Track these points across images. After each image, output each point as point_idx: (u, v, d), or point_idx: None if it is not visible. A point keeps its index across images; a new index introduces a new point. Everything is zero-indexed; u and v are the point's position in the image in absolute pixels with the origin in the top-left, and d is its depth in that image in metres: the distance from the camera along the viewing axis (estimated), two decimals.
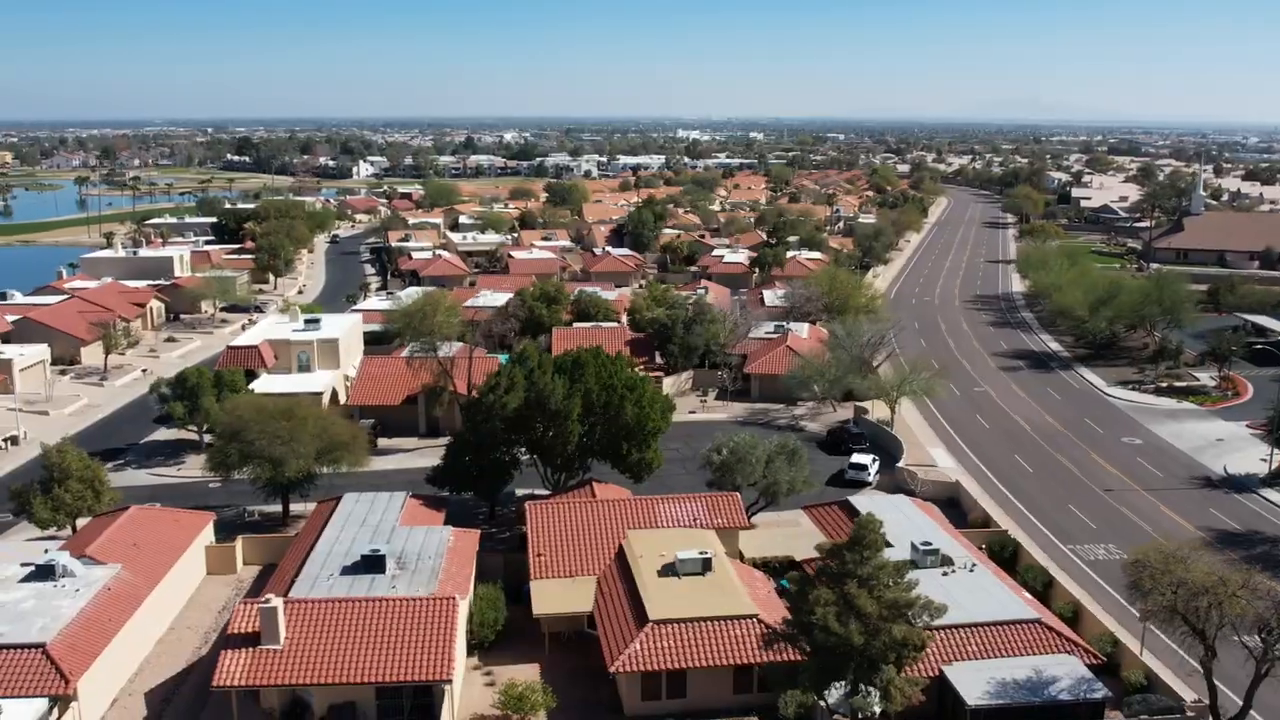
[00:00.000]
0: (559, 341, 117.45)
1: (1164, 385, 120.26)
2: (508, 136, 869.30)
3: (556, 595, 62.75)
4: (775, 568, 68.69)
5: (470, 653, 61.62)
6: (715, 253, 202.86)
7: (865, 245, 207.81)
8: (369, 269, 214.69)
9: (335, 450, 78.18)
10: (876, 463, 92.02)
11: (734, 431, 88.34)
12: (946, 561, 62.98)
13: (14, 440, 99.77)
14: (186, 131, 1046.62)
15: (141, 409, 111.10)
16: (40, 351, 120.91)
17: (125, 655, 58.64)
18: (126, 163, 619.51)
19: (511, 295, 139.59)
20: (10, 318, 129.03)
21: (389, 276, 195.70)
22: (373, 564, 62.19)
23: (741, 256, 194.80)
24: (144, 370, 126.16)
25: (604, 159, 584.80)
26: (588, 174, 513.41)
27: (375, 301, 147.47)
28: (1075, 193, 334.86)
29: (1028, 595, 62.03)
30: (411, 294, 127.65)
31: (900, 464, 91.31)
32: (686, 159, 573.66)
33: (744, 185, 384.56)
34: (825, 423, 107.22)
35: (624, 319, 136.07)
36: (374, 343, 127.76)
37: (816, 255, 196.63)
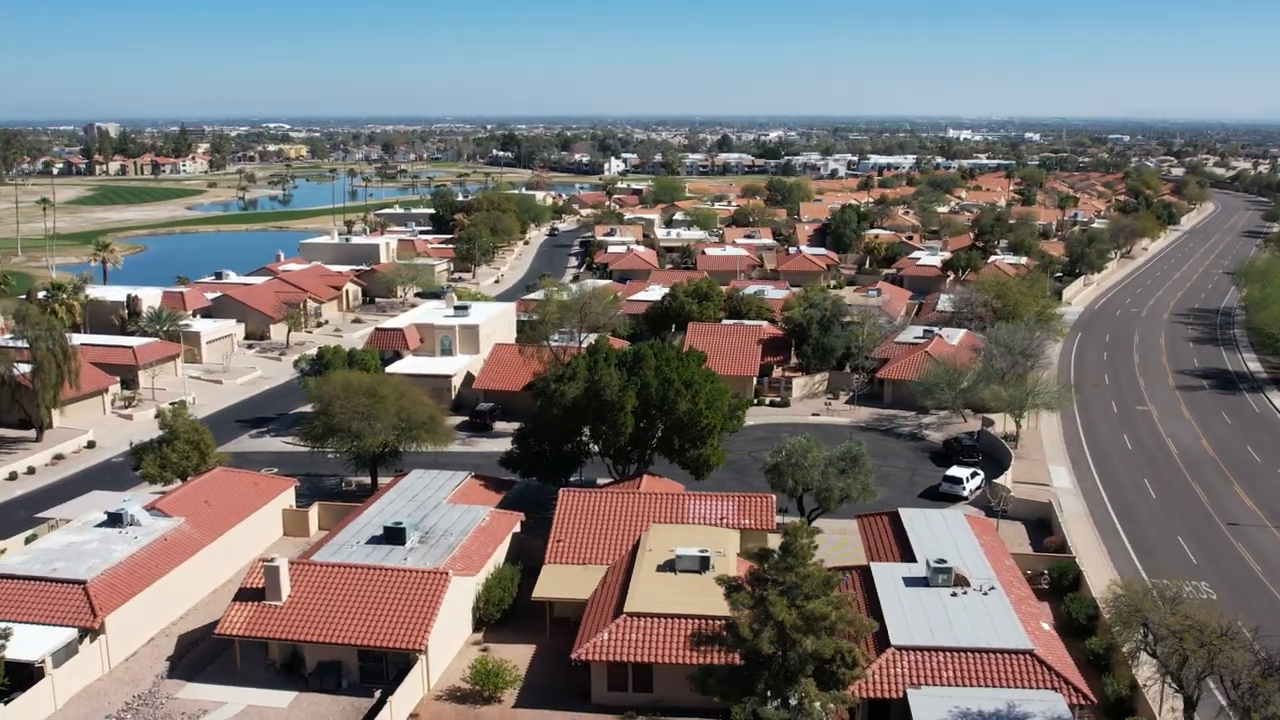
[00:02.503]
0: (692, 336, 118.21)
1: None
2: (772, 135, 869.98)
3: (561, 580, 63.94)
4: None
5: (478, 628, 63.87)
6: (913, 255, 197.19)
7: (1077, 251, 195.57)
8: (573, 261, 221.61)
9: (414, 429, 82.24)
10: (978, 477, 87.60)
11: (850, 436, 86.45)
12: (960, 582, 59.68)
13: (181, 404, 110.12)
14: (471, 128, 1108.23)
15: None
16: (228, 326, 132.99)
17: (168, 599, 64.33)
18: (403, 157, 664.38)
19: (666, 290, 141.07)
20: (211, 295, 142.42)
21: (583, 269, 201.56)
22: (394, 536, 65.44)
23: (937, 259, 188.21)
24: (321, 348, 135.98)
25: (854, 158, 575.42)
26: (834, 173, 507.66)
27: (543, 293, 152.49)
28: None
29: (1046, 627, 57.89)
30: (588, 286, 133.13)
31: (997, 479, 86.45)
32: (940, 159, 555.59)
33: (986, 186, 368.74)
34: (951, 433, 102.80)
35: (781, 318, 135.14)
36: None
37: (1020, 260, 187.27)
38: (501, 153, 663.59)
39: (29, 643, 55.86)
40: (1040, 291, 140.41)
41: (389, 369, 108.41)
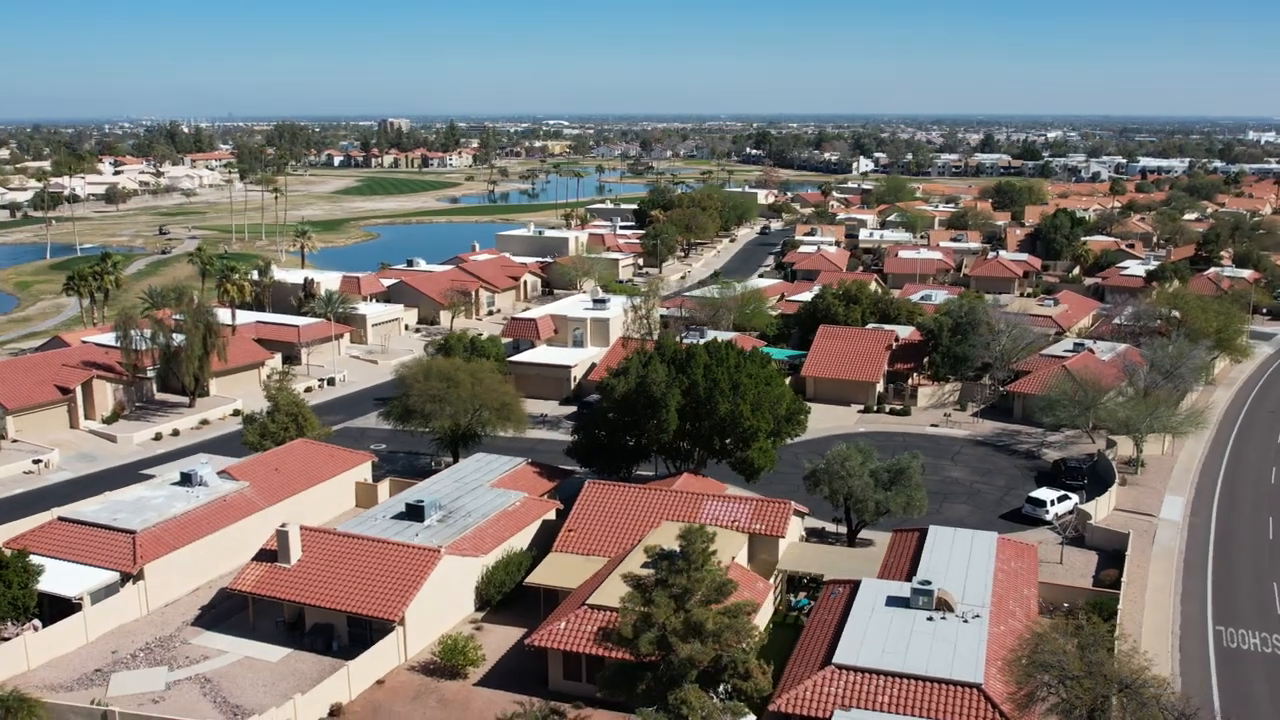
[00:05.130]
0: (820, 339, 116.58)
1: None
2: (1051, 134, 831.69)
3: (559, 569, 65.38)
4: (803, 583, 65.92)
5: (482, 608, 66.30)
6: (1121, 264, 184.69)
7: None
8: (769, 260, 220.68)
9: (486, 414, 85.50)
10: (1068, 501, 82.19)
11: (959, 450, 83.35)
12: (943, 606, 56.73)
13: (330, 381, 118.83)
14: (740, 125, 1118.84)
15: None
16: (394, 310, 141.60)
17: (216, 554, 70.13)
18: (658, 154, 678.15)
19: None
20: (387, 281, 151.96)
21: (773, 268, 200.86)
22: (414, 513, 68.87)
23: (1143, 270, 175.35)
24: (482, 334, 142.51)
25: (1123, 160, 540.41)
26: (1095, 176, 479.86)
27: (701, 291, 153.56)
28: None
29: None
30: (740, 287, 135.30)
31: (1083, 505, 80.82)
32: (1218, 162, 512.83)
33: (1255, 194, 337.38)
34: (1070, 454, 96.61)
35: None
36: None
37: (1243, 273, 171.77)
38: (754, 150, 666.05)
39: (71, 580, 62.89)
40: (1227, 308, 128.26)
41: (514, 358, 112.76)
